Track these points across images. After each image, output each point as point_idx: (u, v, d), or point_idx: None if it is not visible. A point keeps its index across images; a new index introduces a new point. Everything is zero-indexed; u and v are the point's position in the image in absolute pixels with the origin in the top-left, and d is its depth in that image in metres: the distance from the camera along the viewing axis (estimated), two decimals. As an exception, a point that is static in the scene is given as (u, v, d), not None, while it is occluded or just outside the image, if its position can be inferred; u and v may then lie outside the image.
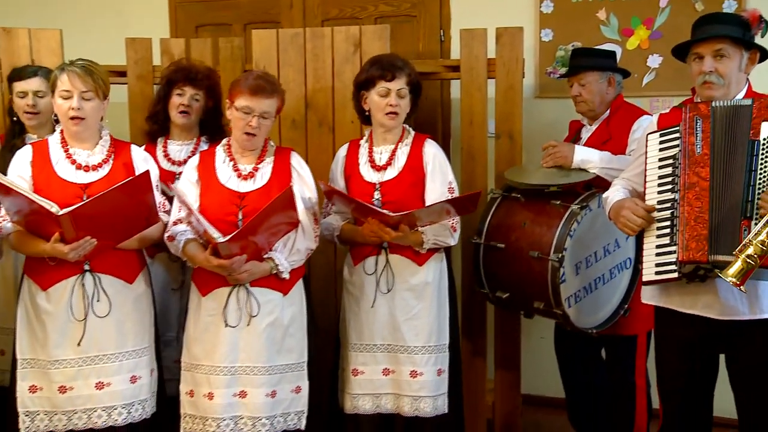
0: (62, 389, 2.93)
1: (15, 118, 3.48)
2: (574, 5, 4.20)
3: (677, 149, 2.56)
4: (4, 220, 2.92)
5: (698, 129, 2.52)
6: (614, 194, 2.81)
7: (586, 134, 3.57)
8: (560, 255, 3.11)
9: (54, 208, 2.73)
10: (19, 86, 3.43)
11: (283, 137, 3.74)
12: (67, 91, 2.88)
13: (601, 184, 3.23)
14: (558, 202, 3.22)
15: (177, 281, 3.37)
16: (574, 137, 3.63)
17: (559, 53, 4.24)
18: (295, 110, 3.76)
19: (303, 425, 3.06)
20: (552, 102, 4.26)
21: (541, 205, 3.29)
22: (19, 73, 3.48)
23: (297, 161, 3.14)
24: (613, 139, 3.41)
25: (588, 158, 3.30)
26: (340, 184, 3.24)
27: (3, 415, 3.05)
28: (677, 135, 2.57)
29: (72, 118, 2.89)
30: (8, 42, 3.89)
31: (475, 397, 3.80)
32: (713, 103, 2.55)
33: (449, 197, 3.11)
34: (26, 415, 2.95)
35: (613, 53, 3.69)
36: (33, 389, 2.96)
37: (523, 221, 3.32)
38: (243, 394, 2.99)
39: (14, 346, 3.00)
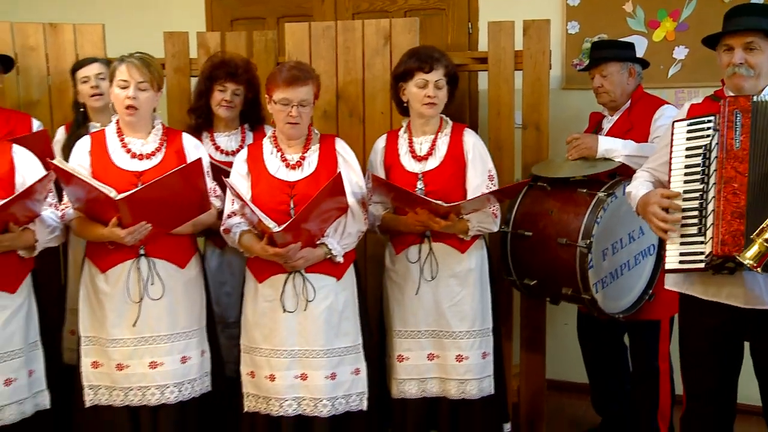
0: (119, 367, 3.01)
1: (81, 109, 3.56)
2: (601, -3, 4.18)
3: (708, 140, 2.50)
4: (66, 207, 2.99)
5: (738, 123, 2.45)
6: (638, 189, 2.76)
7: (607, 125, 3.56)
8: (588, 241, 3.10)
9: (112, 193, 2.79)
10: (82, 73, 3.52)
11: (315, 128, 3.71)
12: (124, 80, 2.94)
13: (626, 172, 3.21)
14: (584, 191, 3.22)
15: None
16: (595, 128, 3.62)
17: (586, 45, 4.20)
18: (327, 101, 3.77)
19: (365, 406, 3.09)
20: (578, 93, 4.23)
21: (568, 193, 3.29)
22: (80, 64, 3.57)
23: (342, 147, 3.14)
24: (635, 129, 3.39)
25: (612, 147, 3.29)
26: (380, 174, 3.23)
27: (72, 391, 3.15)
28: (709, 126, 2.51)
29: (127, 107, 2.95)
30: (54, 37, 3.96)
31: (501, 382, 3.82)
32: (754, 98, 2.48)
33: (490, 185, 3.11)
34: (90, 389, 3.05)
35: (631, 44, 3.65)
36: (95, 365, 3.05)
37: (550, 209, 3.31)
38: (304, 377, 3.03)
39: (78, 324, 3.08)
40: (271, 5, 4.78)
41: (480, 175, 3.15)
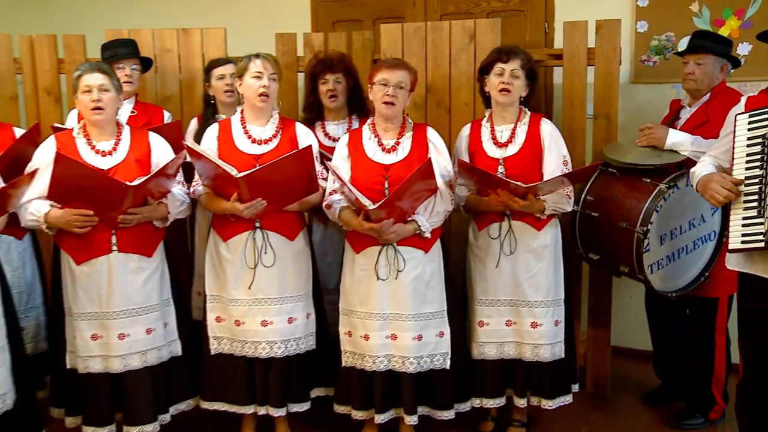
0: (237, 323, 3.13)
1: (212, 101, 3.64)
2: (669, -1, 4.10)
3: (767, 129, 2.45)
4: (197, 184, 3.11)
5: None
6: (702, 168, 2.71)
7: (685, 115, 3.47)
8: (645, 228, 3.09)
9: (234, 171, 2.89)
10: (218, 71, 3.57)
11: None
12: (259, 72, 3.02)
13: (693, 165, 3.11)
14: (648, 180, 3.19)
15: None
16: (673, 117, 3.52)
17: (653, 43, 4.13)
18: (417, 93, 3.75)
19: (448, 365, 3.12)
20: (645, 87, 4.17)
21: (634, 181, 3.26)
22: (217, 62, 3.63)
23: (433, 135, 3.14)
24: (710, 122, 3.27)
25: (680, 141, 3.22)
26: (464, 159, 3.20)
27: (200, 342, 3.29)
28: None
29: (260, 95, 3.03)
30: (185, 40, 4.10)
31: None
32: None
33: (564, 169, 3.09)
34: (214, 339, 3.19)
35: (731, 42, 3.50)
36: (218, 320, 3.18)
37: (616, 194, 3.29)
38: (394, 337, 3.08)
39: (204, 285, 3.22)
40: (368, 8, 4.80)
41: (555, 160, 3.12)
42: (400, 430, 3.29)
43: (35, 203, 2.91)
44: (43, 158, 2.93)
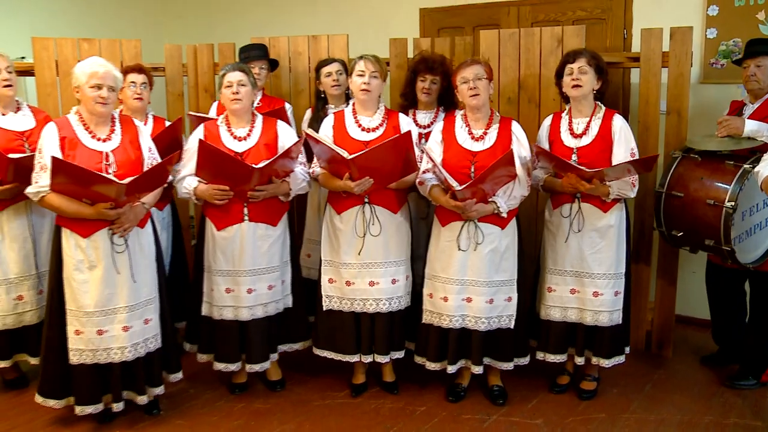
0: (348, 283, 3.29)
1: (322, 95, 3.84)
2: (736, 8, 4.04)
3: None
4: (316, 166, 3.31)
5: None
6: (765, 169, 2.69)
7: (748, 111, 3.44)
8: (734, 204, 3.11)
9: (345, 154, 3.07)
10: (325, 70, 3.77)
11: (501, 111, 3.83)
12: (362, 71, 3.18)
13: (766, 150, 3.12)
14: (732, 162, 3.21)
15: (423, 212, 3.59)
16: (736, 115, 3.50)
17: (721, 48, 4.11)
18: (511, 90, 3.87)
19: (512, 325, 3.24)
20: (713, 87, 4.16)
21: (716, 164, 3.29)
22: (324, 63, 3.84)
23: (516, 128, 3.18)
24: None
25: (758, 129, 3.23)
26: (544, 146, 3.26)
27: (307, 296, 3.51)
28: None
29: (362, 90, 3.18)
30: (315, 45, 4.31)
31: (638, 314, 3.86)
32: None
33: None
34: (326, 297, 3.36)
35: None
36: (330, 281, 3.34)
37: (701, 176, 3.30)
38: (469, 300, 3.19)
39: (320, 252, 3.39)
40: (469, 17, 4.86)
41: (624, 152, 3.11)
42: (462, 375, 3.43)
43: (188, 179, 3.20)
44: (194, 142, 3.18)
